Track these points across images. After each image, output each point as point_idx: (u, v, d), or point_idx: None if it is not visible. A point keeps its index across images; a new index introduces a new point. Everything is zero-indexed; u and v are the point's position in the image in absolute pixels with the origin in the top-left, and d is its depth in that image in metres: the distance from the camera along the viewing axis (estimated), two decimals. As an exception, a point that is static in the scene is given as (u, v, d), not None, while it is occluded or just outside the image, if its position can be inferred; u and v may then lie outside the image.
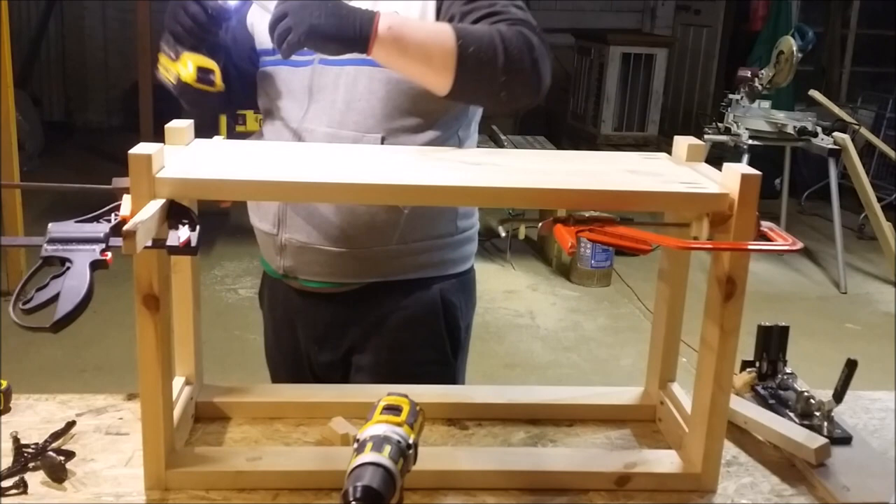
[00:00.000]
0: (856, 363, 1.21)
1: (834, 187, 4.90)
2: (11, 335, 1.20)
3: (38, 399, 1.26)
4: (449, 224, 1.48)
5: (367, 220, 1.40)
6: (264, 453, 1.10)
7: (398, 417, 0.90)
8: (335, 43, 1.23)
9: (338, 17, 1.21)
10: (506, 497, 1.08)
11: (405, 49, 1.25)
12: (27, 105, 6.19)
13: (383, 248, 1.43)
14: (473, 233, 1.56)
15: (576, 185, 1.05)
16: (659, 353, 1.27)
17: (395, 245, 1.43)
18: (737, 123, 4.88)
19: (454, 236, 1.50)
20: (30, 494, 1.04)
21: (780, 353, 1.38)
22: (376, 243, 1.42)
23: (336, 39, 1.22)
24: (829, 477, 1.14)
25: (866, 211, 5.06)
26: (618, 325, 4.26)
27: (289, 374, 1.60)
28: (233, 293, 4.22)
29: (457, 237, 1.50)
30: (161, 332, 1.01)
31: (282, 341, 1.60)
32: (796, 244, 0.99)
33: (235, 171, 1.05)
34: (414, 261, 1.46)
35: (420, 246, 1.45)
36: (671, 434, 1.21)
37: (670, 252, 1.21)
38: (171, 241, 0.94)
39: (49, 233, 0.94)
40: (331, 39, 1.22)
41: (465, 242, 1.53)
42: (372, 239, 1.42)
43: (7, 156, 3.91)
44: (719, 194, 1.02)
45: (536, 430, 1.25)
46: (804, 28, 4.83)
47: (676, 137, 1.22)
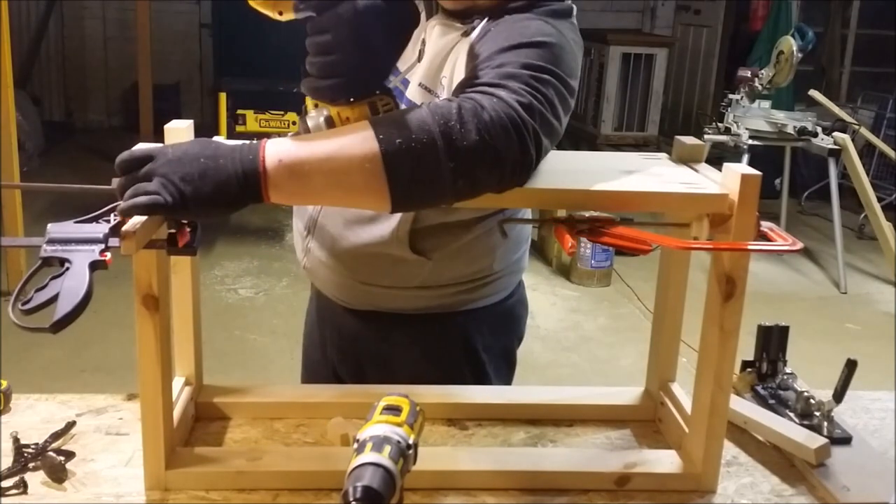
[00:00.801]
0: (856, 363, 1.21)
1: (834, 187, 4.91)
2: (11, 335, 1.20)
3: (38, 399, 1.26)
4: (483, 270, 1.40)
5: (388, 265, 1.34)
6: (264, 453, 1.10)
7: (398, 417, 0.89)
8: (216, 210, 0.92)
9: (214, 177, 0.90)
10: (506, 497, 1.08)
11: (311, 191, 0.94)
12: (27, 105, 6.19)
13: (401, 289, 1.38)
14: (513, 268, 1.46)
15: (576, 185, 1.05)
16: (659, 353, 1.27)
17: (414, 289, 1.38)
18: (737, 123, 4.89)
19: (487, 276, 1.41)
20: (30, 494, 1.04)
21: (780, 353, 1.38)
22: (393, 284, 1.38)
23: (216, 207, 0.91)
24: (829, 477, 1.14)
25: (866, 211, 5.06)
26: (618, 325, 4.26)
27: (316, 374, 1.58)
28: (233, 293, 4.22)
29: (490, 276, 1.42)
30: (161, 332, 1.01)
31: (314, 339, 1.58)
32: (796, 244, 0.99)
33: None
34: (435, 301, 1.40)
35: (443, 290, 1.39)
36: (671, 434, 1.21)
37: (670, 252, 1.21)
38: (170, 241, 0.94)
39: (48, 233, 0.94)
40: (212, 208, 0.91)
41: (500, 278, 1.44)
42: (389, 280, 1.37)
43: (7, 156, 3.91)
44: (719, 195, 1.02)
45: (536, 430, 1.25)
46: (804, 28, 4.84)
47: (676, 137, 1.22)
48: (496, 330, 1.48)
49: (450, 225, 1.34)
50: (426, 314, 1.42)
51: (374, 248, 1.35)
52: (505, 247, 1.42)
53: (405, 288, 1.38)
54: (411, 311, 1.41)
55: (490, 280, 1.43)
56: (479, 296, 1.43)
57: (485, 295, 1.43)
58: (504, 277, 1.45)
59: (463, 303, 1.42)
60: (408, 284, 1.38)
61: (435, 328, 1.43)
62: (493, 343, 1.47)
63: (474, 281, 1.41)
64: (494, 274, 1.43)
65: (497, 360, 1.49)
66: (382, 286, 1.39)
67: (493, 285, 1.44)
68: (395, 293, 1.39)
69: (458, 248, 1.36)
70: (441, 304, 1.41)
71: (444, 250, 1.35)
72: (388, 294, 1.40)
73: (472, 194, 0.97)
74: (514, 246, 1.45)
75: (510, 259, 1.45)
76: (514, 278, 1.48)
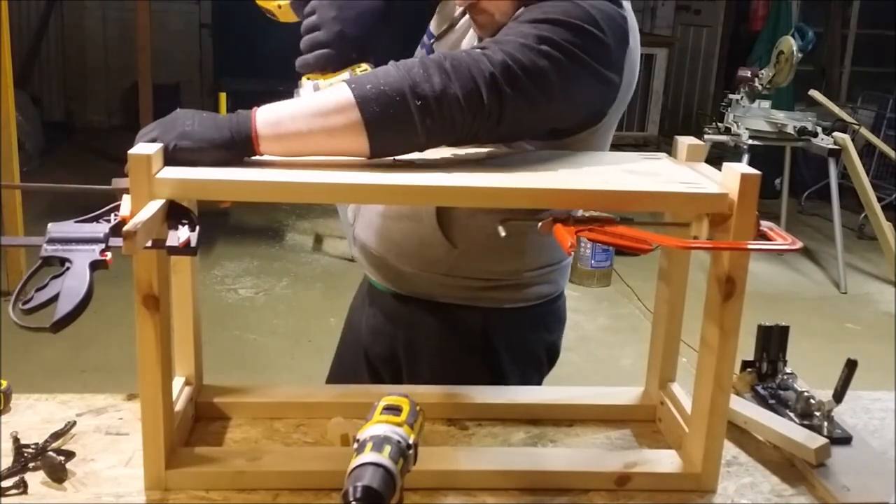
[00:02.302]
0: (856, 363, 1.21)
1: (834, 187, 4.91)
2: (11, 335, 1.20)
3: (38, 399, 1.26)
4: (509, 269, 1.42)
5: (416, 244, 1.41)
6: (264, 453, 1.10)
7: (398, 417, 0.89)
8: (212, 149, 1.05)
9: (212, 121, 1.07)
10: (506, 497, 1.08)
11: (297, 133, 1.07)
12: (27, 105, 6.19)
13: (429, 274, 1.43)
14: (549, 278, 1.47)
15: (576, 185, 1.05)
16: (659, 353, 1.27)
17: (440, 276, 1.43)
18: (737, 123, 4.89)
19: (514, 279, 1.43)
20: (30, 494, 1.03)
21: (780, 353, 1.38)
22: (423, 269, 1.43)
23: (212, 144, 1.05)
24: (829, 477, 1.14)
25: (866, 211, 5.07)
26: (618, 325, 4.26)
27: (350, 358, 1.61)
28: (233, 293, 4.21)
29: (518, 280, 1.43)
30: (161, 332, 1.01)
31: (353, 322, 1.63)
32: (796, 244, 0.99)
33: (235, 171, 1.05)
34: (457, 292, 1.44)
35: (468, 283, 1.43)
36: (671, 434, 1.21)
37: (670, 252, 1.21)
38: (170, 241, 0.94)
39: (49, 233, 0.94)
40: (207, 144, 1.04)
41: (530, 285, 1.45)
42: (419, 264, 1.43)
43: (7, 156, 3.91)
44: (719, 194, 1.02)
45: (536, 430, 1.25)
46: (804, 28, 4.84)
47: (676, 137, 1.22)
48: (521, 332, 1.49)
49: (478, 214, 1.37)
50: (451, 304, 1.45)
51: (407, 230, 1.42)
52: (538, 253, 1.43)
53: (433, 273, 1.43)
54: (437, 297, 1.45)
55: (518, 284, 1.44)
56: (505, 296, 1.44)
57: (512, 297, 1.45)
58: (536, 286, 1.46)
59: (489, 300, 1.44)
60: (436, 270, 1.42)
61: (456, 319, 1.46)
62: (516, 345, 1.48)
63: (500, 279, 1.43)
64: (524, 278, 1.44)
65: (520, 361, 1.49)
66: (413, 269, 1.44)
67: (522, 290, 1.45)
68: (425, 277, 1.44)
69: (486, 242, 1.38)
70: (464, 296, 1.44)
71: (472, 242, 1.39)
72: (418, 277, 1.44)
73: (442, 134, 1.11)
74: (550, 254, 1.45)
75: (544, 268, 1.45)
76: (547, 289, 1.48)
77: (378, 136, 1.07)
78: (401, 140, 1.09)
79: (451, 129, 1.10)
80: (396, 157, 1.12)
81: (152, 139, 1.03)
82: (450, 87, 1.07)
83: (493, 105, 1.10)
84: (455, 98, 1.07)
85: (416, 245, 1.42)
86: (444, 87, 1.07)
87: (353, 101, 1.05)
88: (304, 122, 1.06)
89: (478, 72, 1.09)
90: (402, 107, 1.06)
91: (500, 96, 1.10)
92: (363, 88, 1.06)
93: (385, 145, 1.09)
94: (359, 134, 1.06)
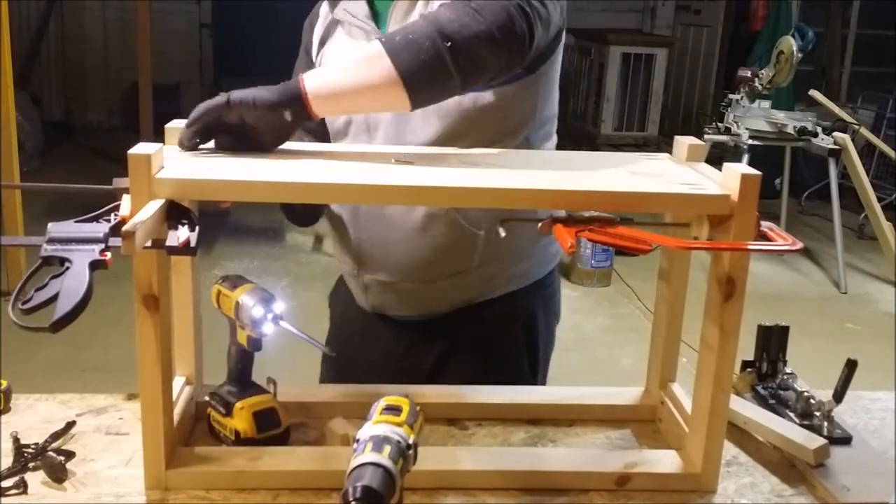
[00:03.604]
0: (856, 363, 1.21)
1: (834, 187, 4.91)
2: (11, 335, 1.20)
3: (38, 399, 1.26)
4: (531, 238, 1.43)
5: (444, 244, 1.37)
6: (264, 453, 1.10)
7: (398, 417, 0.89)
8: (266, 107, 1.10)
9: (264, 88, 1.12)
10: (506, 497, 1.08)
11: (343, 93, 1.13)
12: (27, 105, 6.19)
13: (464, 273, 1.41)
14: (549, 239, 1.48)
15: (576, 185, 1.05)
16: (659, 353, 1.27)
17: (476, 268, 1.41)
18: (737, 123, 4.88)
19: (536, 245, 1.46)
20: (30, 494, 1.04)
21: (780, 353, 1.38)
22: (456, 269, 1.40)
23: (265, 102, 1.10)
24: (829, 477, 1.14)
25: (866, 211, 5.06)
26: (618, 325, 4.26)
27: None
28: (233, 293, 4.19)
29: (538, 245, 1.46)
30: (161, 332, 1.01)
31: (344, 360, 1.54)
32: (796, 244, 0.99)
33: (235, 171, 1.05)
34: (497, 279, 1.43)
35: (503, 264, 1.43)
36: (671, 434, 1.21)
37: (670, 252, 1.21)
38: (170, 241, 0.94)
39: (48, 233, 0.94)
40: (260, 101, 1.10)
41: (546, 248, 1.49)
42: (452, 265, 1.40)
43: (7, 156, 3.91)
44: (719, 195, 1.02)
45: (536, 430, 1.25)
46: (804, 28, 4.84)
47: (677, 137, 1.22)
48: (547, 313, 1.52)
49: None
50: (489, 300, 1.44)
51: (427, 239, 1.37)
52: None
53: (467, 272, 1.41)
54: (479, 299, 1.44)
55: (536, 251, 1.46)
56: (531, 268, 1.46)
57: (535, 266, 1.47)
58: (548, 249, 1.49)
59: (518, 278, 1.45)
60: (468, 266, 1.40)
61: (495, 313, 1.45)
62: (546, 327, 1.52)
63: (524, 248, 1.44)
64: (537, 247, 1.46)
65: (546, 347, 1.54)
66: (447, 276, 1.41)
67: (541, 256, 1.48)
68: (459, 281, 1.41)
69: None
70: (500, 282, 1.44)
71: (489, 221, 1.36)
72: (457, 285, 1.42)
73: (477, 72, 1.13)
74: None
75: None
76: (554, 249, 1.51)
77: (415, 83, 1.10)
78: (438, 85, 1.12)
79: (486, 66, 1.13)
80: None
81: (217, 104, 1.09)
82: (481, 23, 1.10)
83: (525, 33, 1.13)
84: (488, 34, 1.10)
85: (445, 251, 1.38)
86: (474, 26, 1.09)
87: (384, 53, 1.09)
88: (348, 80, 1.11)
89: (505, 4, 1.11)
90: (432, 51, 1.08)
91: (529, 23, 1.13)
92: (393, 41, 1.10)
93: (423, 91, 1.12)
94: (397, 85, 1.10)
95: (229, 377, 1.19)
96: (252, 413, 1.14)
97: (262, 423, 1.14)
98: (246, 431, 1.13)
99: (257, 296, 1.13)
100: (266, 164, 1.11)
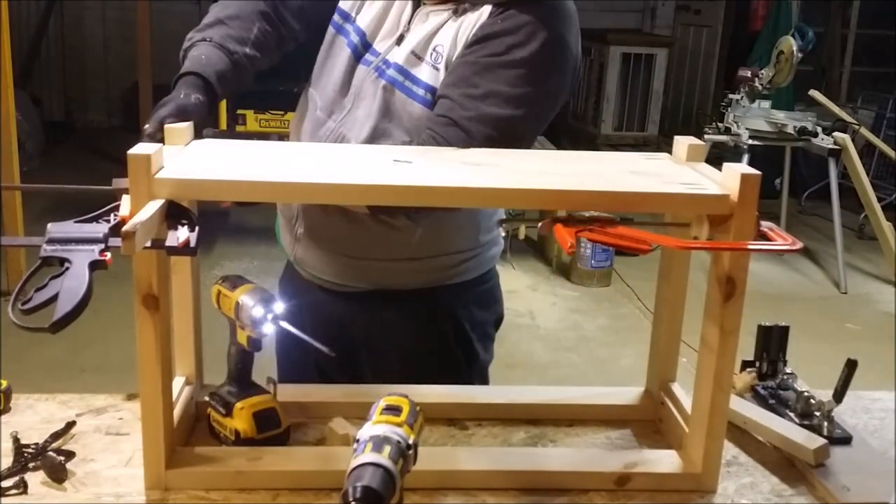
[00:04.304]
0: (856, 363, 1.21)
1: (834, 187, 4.90)
2: (11, 335, 1.20)
3: (38, 399, 1.26)
4: (469, 240, 1.46)
5: (379, 233, 1.39)
6: (264, 453, 1.10)
7: (398, 417, 0.89)
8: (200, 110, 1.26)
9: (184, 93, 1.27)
10: (506, 497, 1.08)
11: None
12: (27, 105, 6.18)
13: (392, 262, 1.42)
14: (495, 239, 1.52)
15: (576, 185, 1.05)
16: (659, 353, 1.27)
17: (405, 260, 1.42)
18: (737, 123, 4.88)
19: (474, 250, 1.47)
20: (30, 494, 1.03)
21: (780, 353, 1.37)
22: (386, 256, 1.42)
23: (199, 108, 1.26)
24: (829, 477, 1.14)
25: (866, 211, 5.06)
26: (618, 325, 4.26)
27: (293, 366, 1.57)
28: (233, 293, 4.19)
29: (477, 250, 1.48)
30: (161, 332, 1.01)
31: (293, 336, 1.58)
32: (796, 244, 0.99)
33: (234, 171, 1.05)
34: (424, 276, 1.45)
35: (433, 262, 1.44)
36: (671, 434, 1.21)
37: (670, 252, 1.21)
38: (170, 241, 0.94)
39: (48, 233, 0.94)
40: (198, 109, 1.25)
41: (485, 252, 1.50)
42: (382, 252, 1.42)
43: (7, 156, 3.91)
44: (719, 195, 1.02)
45: (536, 430, 1.25)
46: (804, 28, 4.83)
47: (677, 137, 1.22)
48: (481, 306, 1.52)
49: None
50: (416, 290, 1.45)
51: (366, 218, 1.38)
52: (486, 218, 1.48)
53: (397, 260, 1.42)
54: (402, 287, 1.45)
55: (475, 253, 1.47)
56: (464, 269, 1.47)
57: (470, 269, 1.48)
58: (487, 251, 1.50)
59: (451, 276, 1.46)
60: (399, 256, 1.42)
61: (425, 304, 1.46)
62: (480, 320, 1.52)
63: (462, 252, 1.45)
64: (480, 247, 1.47)
65: (482, 338, 1.53)
66: (376, 259, 1.42)
67: (478, 259, 1.49)
68: (388, 266, 1.43)
69: (444, 214, 1.39)
70: (430, 277, 1.45)
71: (432, 216, 1.38)
72: (382, 268, 1.43)
73: None
74: (492, 219, 1.50)
75: (492, 232, 1.50)
76: (494, 252, 1.53)
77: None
78: None
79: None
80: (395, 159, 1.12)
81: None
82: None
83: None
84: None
85: (381, 234, 1.39)
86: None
87: None
88: None
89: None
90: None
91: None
92: None
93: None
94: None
95: (229, 377, 1.19)
96: (252, 413, 1.14)
97: (262, 423, 1.14)
98: (246, 431, 1.13)
99: (257, 296, 1.13)
100: (266, 164, 1.11)
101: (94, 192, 1.01)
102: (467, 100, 1.26)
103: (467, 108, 1.26)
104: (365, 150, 1.28)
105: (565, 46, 1.30)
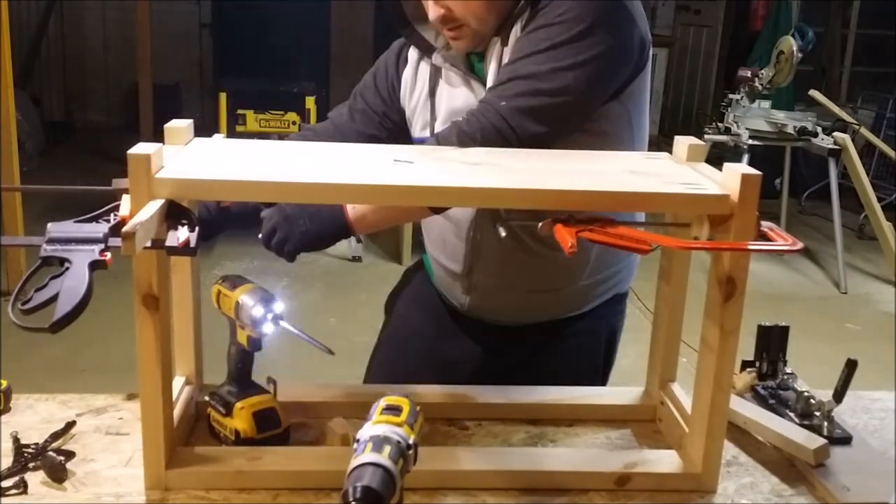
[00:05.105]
0: (856, 363, 1.21)
1: (834, 187, 4.90)
2: (11, 335, 1.20)
3: (38, 399, 1.26)
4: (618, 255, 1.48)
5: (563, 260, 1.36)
6: (264, 453, 1.10)
7: (398, 417, 0.89)
8: (325, 241, 1.36)
9: (319, 220, 1.33)
10: (506, 497, 1.08)
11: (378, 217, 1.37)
12: (27, 105, 6.19)
13: (574, 286, 1.46)
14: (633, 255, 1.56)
15: (577, 185, 1.05)
16: (659, 353, 1.27)
17: (584, 281, 1.46)
18: (737, 123, 4.88)
19: (629, 257, 1.52)
20: (30, 494, 1.04)
21: (780, 353, 1.37)
22: (568, 283, 1.46)
23: (325, 238, 1.35)
24: (829, 477, 1.14)
25: (866, 211, 5.06)
26: (618, 325, 4.25)
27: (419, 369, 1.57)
28: (233, 293, 4.19)
29: (630, 257, 1.52)
30: (161, 332, 1.01)
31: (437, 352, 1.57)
32: (796, 244, 0.99)
33: (235, 171, 1.05)
34: (596, 292, 1.49)
35: (602, 277, 1.48)
36: (671, 434, 1.21)
37: (670, 252, 1.21)
38: (170, 241, 0.94)
39: (48, 233, 0.94)
40: (320, 239, 1.35)
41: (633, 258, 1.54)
42: (565, 279, 1.45)
43: (7, 156, 3.91)
44: (720, 195, 1.02)
45: (536, 430, 1.25)
46: (804, 28, 4.83)
47: (677, 137, 1.22)
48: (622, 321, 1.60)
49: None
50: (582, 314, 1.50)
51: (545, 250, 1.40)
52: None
53: (576, 285, 1.46)
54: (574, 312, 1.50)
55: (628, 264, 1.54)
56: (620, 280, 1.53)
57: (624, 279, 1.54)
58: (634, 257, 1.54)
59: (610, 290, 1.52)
60: (578, 280, 1.46)
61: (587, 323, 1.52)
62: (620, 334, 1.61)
63: (622, 261, 1.50)
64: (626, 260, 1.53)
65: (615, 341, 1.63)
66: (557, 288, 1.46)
67: (630, 266, 1.56)
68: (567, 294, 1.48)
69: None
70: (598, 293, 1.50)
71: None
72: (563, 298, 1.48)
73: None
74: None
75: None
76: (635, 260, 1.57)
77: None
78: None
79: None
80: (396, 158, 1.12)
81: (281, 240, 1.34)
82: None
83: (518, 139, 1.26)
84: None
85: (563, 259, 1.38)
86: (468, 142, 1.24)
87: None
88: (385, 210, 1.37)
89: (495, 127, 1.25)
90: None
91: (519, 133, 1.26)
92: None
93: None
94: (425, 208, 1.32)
95: (229, 377, 1.19)
96: (252, 413, 1.14)
97: (262, 423, 1.14)
98: (246, 431, 1.13)
99: (257, 296, 1.13)
100: (266, 164, 1.11)
101: (94, 192, 1.01)
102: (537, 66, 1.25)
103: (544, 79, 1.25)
104: (365, 150, 1.28)
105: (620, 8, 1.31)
